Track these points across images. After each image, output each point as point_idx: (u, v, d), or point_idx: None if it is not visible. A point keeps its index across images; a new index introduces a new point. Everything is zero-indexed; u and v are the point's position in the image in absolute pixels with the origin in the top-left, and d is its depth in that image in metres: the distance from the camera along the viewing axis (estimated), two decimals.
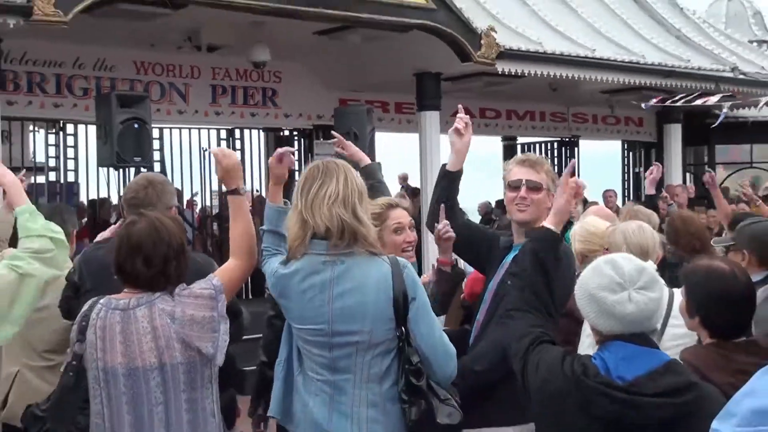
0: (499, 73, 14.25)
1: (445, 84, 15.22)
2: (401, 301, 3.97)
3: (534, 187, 4.84)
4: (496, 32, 13.89)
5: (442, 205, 5.15)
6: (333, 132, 6.35)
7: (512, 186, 4.94)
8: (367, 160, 5.43)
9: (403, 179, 18.52)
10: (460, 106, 5.42)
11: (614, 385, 3.04)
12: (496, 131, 19.12)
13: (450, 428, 4.19)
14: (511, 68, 14.25)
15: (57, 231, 4.34)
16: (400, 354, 4.01)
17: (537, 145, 20.16)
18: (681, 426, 2.87)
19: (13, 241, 4.99)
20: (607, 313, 3.12)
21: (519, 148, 19.71)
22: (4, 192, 5.26)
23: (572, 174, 4.09)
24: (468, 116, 5.29)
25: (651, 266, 3.33)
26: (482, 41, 13.59)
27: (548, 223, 3.91)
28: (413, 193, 16.82)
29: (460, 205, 5.40)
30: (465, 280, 5.76)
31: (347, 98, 15.61)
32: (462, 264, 5.66)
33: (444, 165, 5.35)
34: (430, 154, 14.63)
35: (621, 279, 3.12)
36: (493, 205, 18.50)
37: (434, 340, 4.07)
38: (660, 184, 17.89)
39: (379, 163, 5.61)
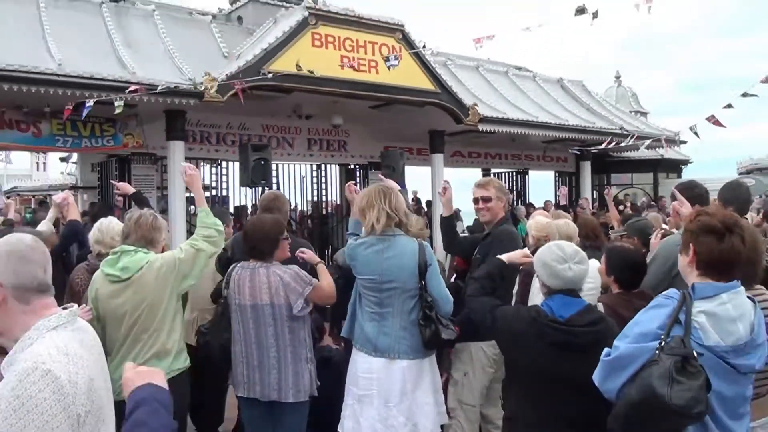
0: (480, 130, 14.16)
1: (447, 137, 15.19)
2: (422, 265, 4.09)
3: (486, 199, 4.96)
4: (477, 106, 13.86)
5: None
6: (379, 174, 6.50)
7: (474, 201, 5.10)
8: (398, 188, 5.49)
9: (414, 193, 18.49)
10: (444, 180, 5.51)
11: (558, 321, 3.07)
12: (478, 165, 19.01)
13: (449, 342, 4.26)
14: (487, 128, 14.19)
15: (219, 225, 4.38)
16: (421, 297, 4.11)
17: (503, 174, 20.05)
18: (598, 344, 2.88)
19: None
20: (555, 276, 3.15)
21: (492, 175, 19.65)
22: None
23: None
24: (448, 182, 5.33)
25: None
26: (469, 112, 13.56)
27: (503, 257, 3.91)
28: (428, 205, 16.87)
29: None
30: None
31: (388, 145, 15.51)
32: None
33: (441, 214, 5.43)
34: (437, 179, 14.54)
35: (564, 255, 3.17)
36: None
37: (440, 289, 4.16)
38: (576, 197, 17.88)
39: (405, 191, 5.65)
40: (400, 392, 4.07)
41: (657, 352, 2.39)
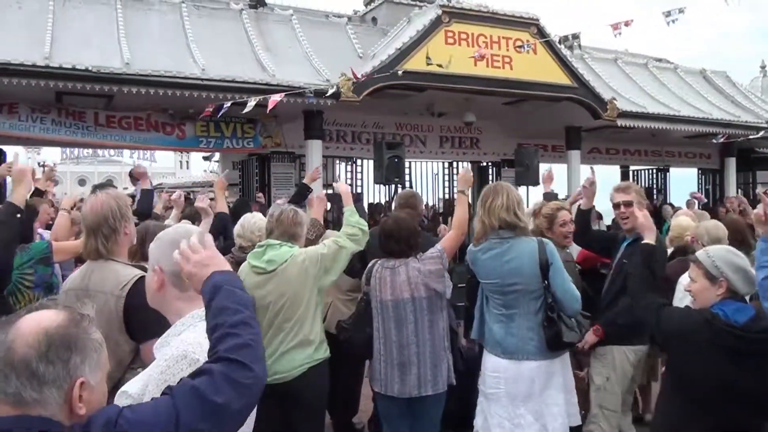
0: (619, 126, 13.72)
1: (584, 133, 14.78)
2: (544, 265, 4.03)
3: (627, 204, 4.78)
4: (616, 101, 13.45)
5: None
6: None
7: (615, 206, 4.94)
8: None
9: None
10: (589, 175, 5.49)
11: (734, 326, 2.99)
12: (616, 162, 18.38)
13: (571, 344, 4.22)
14: (626, 123, 13.71)
15: (363, 224, 4.51)
16: (545, 297, 4.07)
17: (642, 172, 19.31)
18: None
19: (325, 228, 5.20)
20: (750, 281, 3.08)
21: (630, 173, 18.98)
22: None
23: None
24: (594, 177, 5.34)
25: None
26: (607, 106, 13.19)
27: (647, 239, 3.79)
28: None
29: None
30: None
31: (522, 142, 15.32)
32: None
33: (579, 205, 5.40)
34: (573, 177, 14.20)
35: (747, 260, 3.10)
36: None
37: (564, 289, 4.09)
38: (720, 195, 17.03)
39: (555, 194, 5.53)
40: (528, 392, 4.07)
41: None
